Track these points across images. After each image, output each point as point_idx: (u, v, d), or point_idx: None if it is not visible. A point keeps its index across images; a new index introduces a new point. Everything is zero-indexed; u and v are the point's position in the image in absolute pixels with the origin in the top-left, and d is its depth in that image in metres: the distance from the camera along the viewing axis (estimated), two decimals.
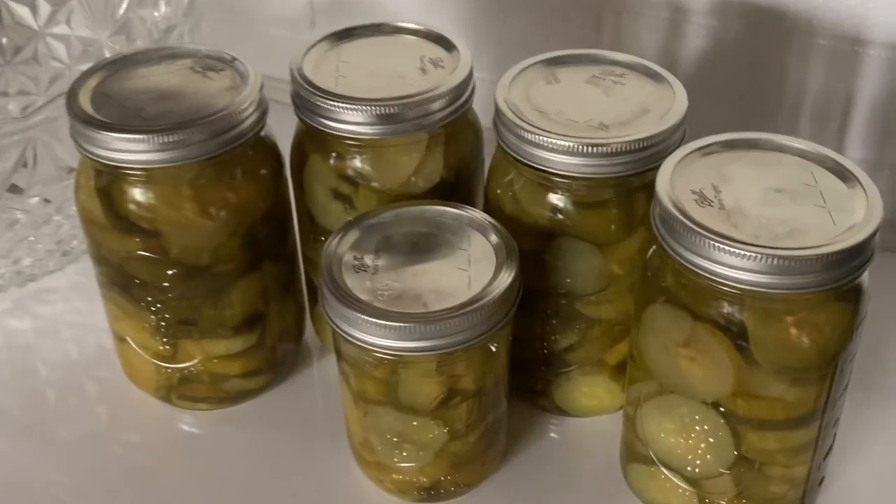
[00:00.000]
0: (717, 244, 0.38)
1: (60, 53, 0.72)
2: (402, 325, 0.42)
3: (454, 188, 0.50)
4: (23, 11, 0.71)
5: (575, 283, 0.48)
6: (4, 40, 0.72)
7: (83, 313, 0.61)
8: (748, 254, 0.38)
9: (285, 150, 0.52)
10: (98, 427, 0.54)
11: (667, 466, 0.45)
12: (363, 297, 0.43)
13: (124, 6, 0.67)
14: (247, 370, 0.53)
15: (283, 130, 0.51)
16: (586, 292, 0.48)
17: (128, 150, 0.45)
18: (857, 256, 0.39)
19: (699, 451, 0.44)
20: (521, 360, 0.50)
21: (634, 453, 0.47)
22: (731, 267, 0.38)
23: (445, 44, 0.50)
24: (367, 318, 0.42)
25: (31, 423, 0.54)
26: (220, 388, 0.53)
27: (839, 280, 0.39)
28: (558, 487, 0.50)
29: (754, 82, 0.45)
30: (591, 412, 0.52)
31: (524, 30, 0.65)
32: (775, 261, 0.38)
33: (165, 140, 0.44)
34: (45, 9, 0.71)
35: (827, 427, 0.44)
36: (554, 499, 0.49)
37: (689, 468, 0.45)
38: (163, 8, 0.64)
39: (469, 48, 0.50)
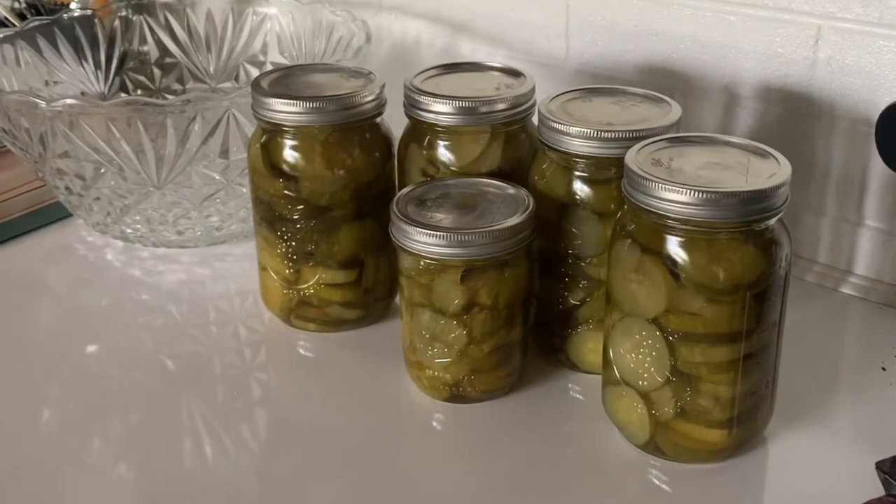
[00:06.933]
0: (657, 183, 0.53)
1: None
2: (440, 233, 0.59)
3: (508, 177, 0.67)
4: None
5: (582, 246, 0.63)
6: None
7: (249, 276, 0.81)
8: (678, 188, 0.53)
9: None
10: (242, 359, 0.72)
11: (626, 383, 0.58)
12: (418, 219, 0.61)
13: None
14: (345, 301, 0.71)
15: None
16: (589, 255, 0.63)
17: (284, 111, 0.66)
18: (758, 202, 0.52)
19: (646, 365, 0.57)
20: (544, 320, 0.66)
21: (607, 378, 0.60)
22: (666, 201, 0.53)
23: (519, 75, 0.69)
24: (418, 229, 0.60)
25: (195, 339, 0.74)
26: (325, 312, 0.71)
27: (743, 217, 0.52)
28: (556, 414, 0.63)
29: (790, 157, 0.58)
30: (598, 368, 0.66)
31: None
32: (696, 194, 0.52)
33: (309, 105, 0.65)
34: None
35: (750, 359, 0.56)
36: (548, 422, 0.63)
37: (640, 382, 0.57)
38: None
39: None
